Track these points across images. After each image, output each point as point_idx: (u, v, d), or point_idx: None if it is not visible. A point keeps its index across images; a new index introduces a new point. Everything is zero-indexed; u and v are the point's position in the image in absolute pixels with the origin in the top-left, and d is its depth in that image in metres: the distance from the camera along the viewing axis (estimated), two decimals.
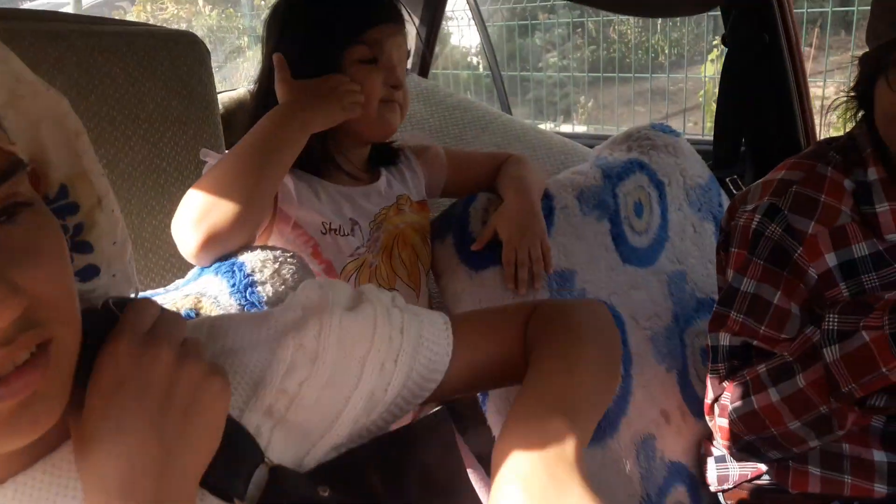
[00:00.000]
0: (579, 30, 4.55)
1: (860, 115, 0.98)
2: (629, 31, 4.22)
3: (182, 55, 1.26)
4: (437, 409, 0.64)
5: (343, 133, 1.01)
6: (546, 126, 4.41)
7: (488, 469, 1.15)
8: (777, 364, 0.89)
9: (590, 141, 1.92)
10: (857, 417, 0.85)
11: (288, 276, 0.77)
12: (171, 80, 1.25)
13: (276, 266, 0.77)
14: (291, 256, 0.79)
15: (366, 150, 1.09)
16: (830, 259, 0.91)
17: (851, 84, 0.98)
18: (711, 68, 4.11)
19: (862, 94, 0.95)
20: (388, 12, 1.00)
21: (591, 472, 1.01)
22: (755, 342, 0.93)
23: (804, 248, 0.90)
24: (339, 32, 0.97)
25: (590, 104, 4.50)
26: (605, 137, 1.96)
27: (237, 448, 0.48)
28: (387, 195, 1.08)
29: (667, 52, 4.64)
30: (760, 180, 1.00)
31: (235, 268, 0.76)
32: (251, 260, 0.76)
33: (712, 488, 1.11)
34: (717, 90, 4.30)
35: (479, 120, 1.79)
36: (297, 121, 0.87)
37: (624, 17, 4.32)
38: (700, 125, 4.04)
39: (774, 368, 0.89)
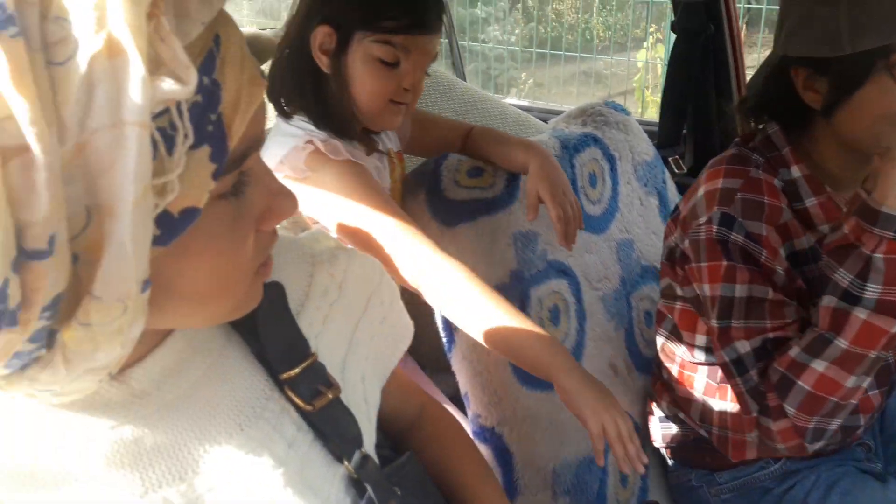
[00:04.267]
0: (519, 5, 4.63)
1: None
2: (567, 12, 4.32)
3: None
4: None
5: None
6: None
7: (459, 405, 1.22)
8: (809, 340, 0.90)
9: (537, 115, 2.01)
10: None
11: None
12: None
13: None
14: None
15: None
16: (783, 253, 0.96)
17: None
18: (644, 54, 4.28)
19: (782, 96, 0.98)
20: (430, 24, 0.96)
21: (549, 414, 1.11)
22: (771, 335, 0.95)
23: (767, 251, 0.93)
24: (376, 25, 0.93)
25: (530, 81, 4.60)
26: (549, 112, 2.05)
27: (345, 424, 0.56)
28: (381, 158, 1.10)
29: (601, 35, 4.79)
30: (700, 193, 1.00)
31: None
32: None
33: (656, 444, 1.22)
34: (650, 76, 4.45)
35: (439, 86, 1.84)
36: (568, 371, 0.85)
37: None
38: (635, 109, 4.22)
39: (809, 345, 0.90)
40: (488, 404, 1.12)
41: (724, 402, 1.10)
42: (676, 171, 1.59)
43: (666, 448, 1.22)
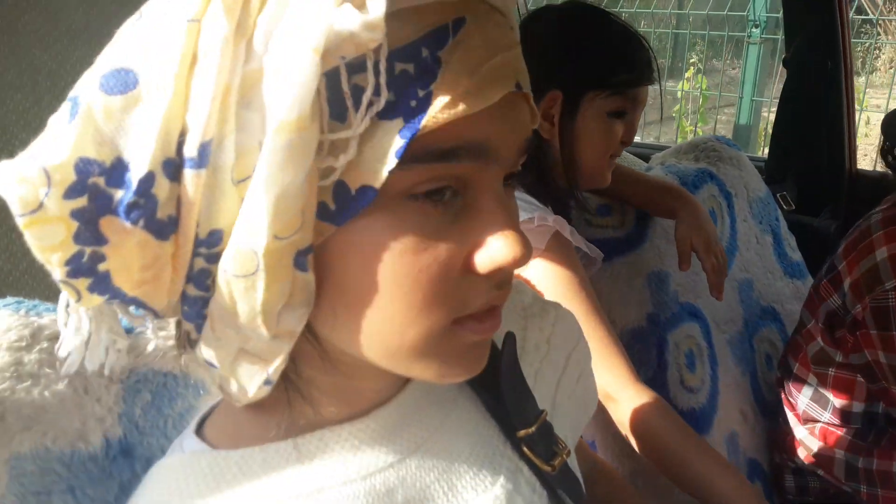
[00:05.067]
0: None
1: None
2: None
3: None
4: None
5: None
6: None
7: None
8: None
9: None
10: None
11: None
12: None
13: None
14: None
15: None
16: None
17: None
18: (687, 85, 4.25)
19: None
20: (652, 75, 0.97)
21: None
22: None
23: None
24: (608, 82, 0.93)
25: None
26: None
27: (576, 487, 0.53)
28: None
29: None
30: (882, 256, 0.95)
31: None
32: None
33: (790, 497, 1.17)
34: (689, 106, 4.39)
35: None
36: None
37: None
38: (673, 137, 4.17)
39: None
40: (620, 454, 1.08)
41: (872, 459, 1.06)
42: (785, 207, 1.55)
43: (802, 502, 1.17)
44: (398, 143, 0.32)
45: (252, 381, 0.37)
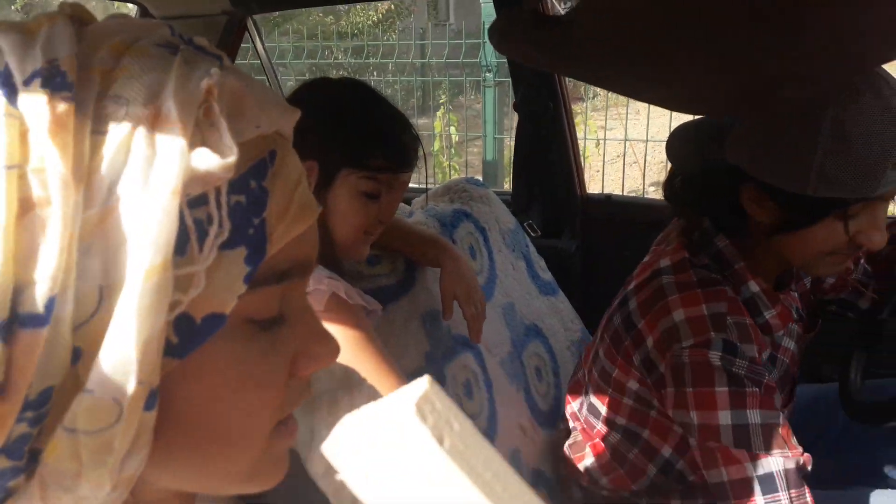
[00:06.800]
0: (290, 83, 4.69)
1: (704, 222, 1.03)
2: None
3: None
4: None
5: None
6: None
7: None
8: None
9: None
10: None
11: None
12: None
13: None
14: None
15: None
16: None
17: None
18: (439, 125, 4.52)
19: (723, 200, 0.98)
20: (412, 161, 1.01)
21: None
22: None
23: (769, 374, 0.93)
24: (364, 164, 0.97)
25: None
26: None
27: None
28: None
29: None
30: (679, 319, 0.97)
31: None
32: None
33: None
34: (444, 145, 4.67)
35: None
36: None
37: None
38: (430, 172, 4.43)
39: None
40: None
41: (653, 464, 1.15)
42: (532, 233, 1.74)
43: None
44: (245, 269, 0.33)
45: None
